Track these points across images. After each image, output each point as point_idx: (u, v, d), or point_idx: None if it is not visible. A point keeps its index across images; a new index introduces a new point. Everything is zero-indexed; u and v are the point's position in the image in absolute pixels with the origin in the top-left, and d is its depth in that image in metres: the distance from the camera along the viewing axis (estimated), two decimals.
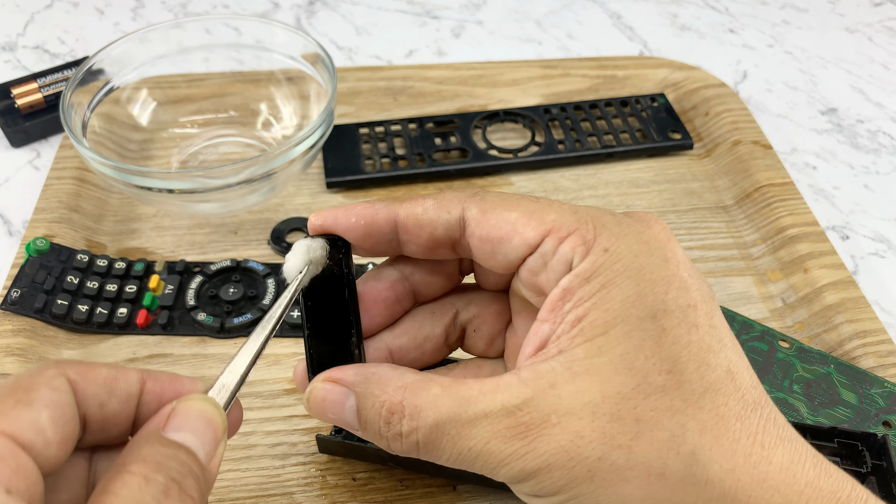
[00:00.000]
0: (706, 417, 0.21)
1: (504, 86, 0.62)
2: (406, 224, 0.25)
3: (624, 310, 0.22)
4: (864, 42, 0.71)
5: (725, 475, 0.21)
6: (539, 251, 0.23)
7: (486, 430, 0.22)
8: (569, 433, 0.21)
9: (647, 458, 0.21)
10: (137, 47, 0.52)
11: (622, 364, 0.21)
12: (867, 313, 0.44)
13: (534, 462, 0.21)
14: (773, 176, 0.53)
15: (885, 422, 0.38)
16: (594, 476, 0.21)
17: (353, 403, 0.24)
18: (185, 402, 0.22)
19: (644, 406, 0.21)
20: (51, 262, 0.45)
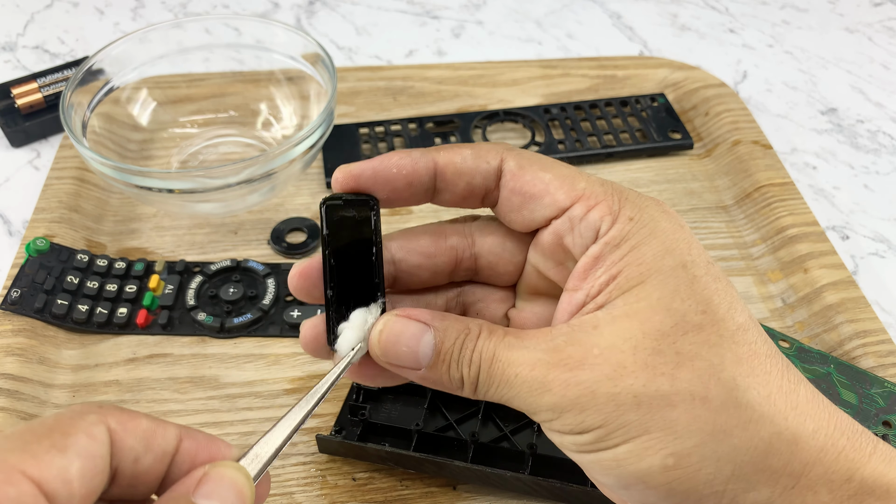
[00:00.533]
0: (741, 351, 0.22)
1: (504, 86, 0.62)
2: (445, 172, 0.25)
3: (656, 262, 0.23)
4: (864, 42, 0.71)
5: (763, 400, 0.22)
6: (567, 214, 0.24)
7: (532, 358, 0.23)
8: (612, 364, 0.22)
9: (690, 384, 0.22)
10: (137, 47, 0.52)
11: (660, 306, 0.22)
12: (867, 313, 0.44)
13: (577, 390, 0.22)
14: (773, 176, 0.53)
15: (885, 422, 0.38)
16: (640, 402, 0.21)
17: (430, 338, 0.24)
18: (218, 469, 0.22)
19: (683, 341, 0.22)
20: (51, 262, 0.45)
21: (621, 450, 0.22)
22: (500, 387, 0.23)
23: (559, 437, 0.23)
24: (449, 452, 0.37)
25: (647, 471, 0.22)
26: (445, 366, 0.24)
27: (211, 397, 0.41)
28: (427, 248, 0.27)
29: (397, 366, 0.24)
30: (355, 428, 0.37)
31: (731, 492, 0.22)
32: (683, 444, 0.21)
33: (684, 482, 0.22)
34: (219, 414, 0.40)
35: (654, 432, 0.21)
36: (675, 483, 0.22)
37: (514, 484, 0.35)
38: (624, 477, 0.22)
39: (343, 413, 0.38)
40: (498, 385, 0.23)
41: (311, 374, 0.42)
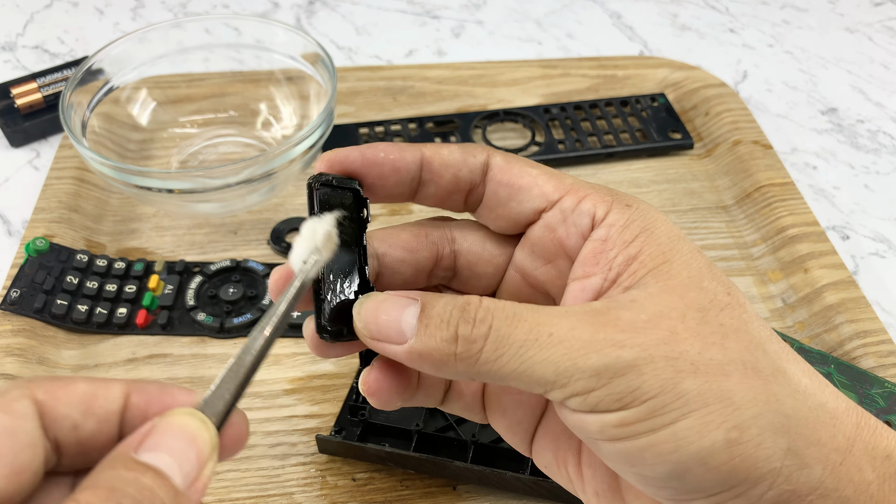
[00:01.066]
0: (771, 334, 0.22)
1: (504, 86, 0.62)
2: (432, 163, 0.24)
3: (672, 243, 0.22)
4: (864, 42, 0.71)
5: (801, 374, 0.21)
6: (558, 206, 0.23)
7: (571, 320, 0.20)
8: (662, 329, 0.20)
9: (740, 354, 0.21)
10: (137, 47, 0.52)
11: (692, 284, 0.21)
12: (867, 313, 0.44)
13: (632, 352, 0.19)
14: (774, 176, 0.52)
15: (886, 422, 0.38)
16: (698, 369, 0.20)
17: (415, 309, 0.21)
18: (167, 418, 0.19)
19: (723, 316, 0.21)
20: (50, 262, 0.45)
21: (681, 425, 0.19)
22: (522, 348, 0.20)
23: (596, 419, 0.20)
24: (449, 453, 0.36)
25: (710, 448, 0.19)
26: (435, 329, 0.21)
27: None
28: (409, 243, 0.26)
29: (382, 342, 0.22)
30: (355, 428, 0.37)
31: (786, 469, 0.20)
32: (743, 414, 0.20)
33: (747, 458, 0.20)
34: None
35: (714, 404, 0.20)
36: (738, 460, 0.20)
37: (514, 484, 0.35)
38: (683, 461, 0.20)
39: (343, 413, 0.38)
40: (520, 346, 0.20)
41: (311, 374, 0.42)
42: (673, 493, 0.21)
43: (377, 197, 0.25)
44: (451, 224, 0.26)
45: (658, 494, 0.21)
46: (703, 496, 0.21)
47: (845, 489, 0.21)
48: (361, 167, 0.24)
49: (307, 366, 0.42)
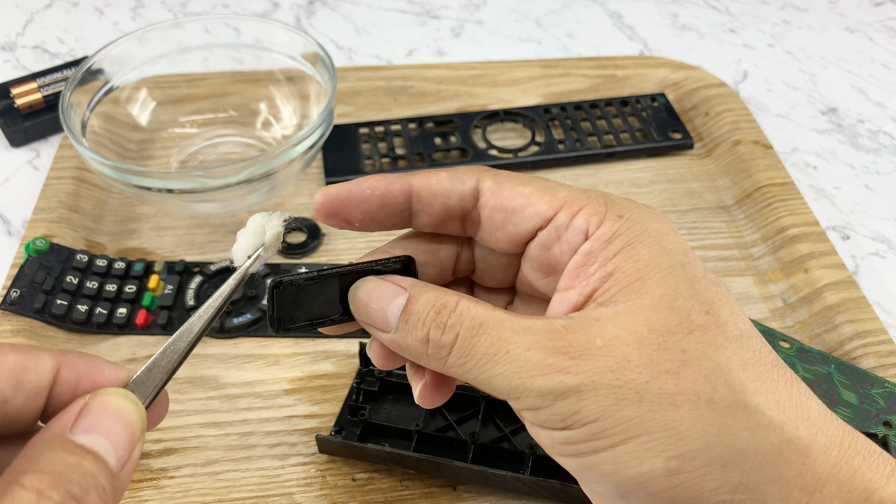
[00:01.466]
0: (747, 356, 0.21)
1: (504, 85, 0.62)
2: (420, 193, 0.25)
3: (653, 259, 0.22)
4: (864, 42, 0.71)
5: (772, 406, 0.21)
6: (552, 224, 0.24)
7: (528, 339, 0.21)
8: (615, 356, 0.21)
9: (695, 384, 0.20)
10: (137, 47, 0.52)
11: (663, 303, 0.21)
12: (868, 313, 0.44)
13: (575, 378, 0.20)
14: (774, 176, 0.52)
15: (886, 422, 0.38)
16: (643, 398, 0.20)
17: (402, 301, 0.23)
18: (100, 398, 0.19)
19: (689, 340, 0.21)
20: (50, 262, 0.45)
21: (620, 450, 0.20)
22: (481, 361, 0.21)
23: (546, 433, 0.21)
24: (449, 453, 0.36)
25: (648, 475, 0.20)
26: (412, 327, 0.22)
27: (211, 397, 0.41)
28: (428, 245, 0.26)
29: (371, 327, 0.24)
30: (355, 428, 0.37)
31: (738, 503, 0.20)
32: (687, 446, 0.20)
33: (688, 488, 0.20)
34: (218, 414, 0.40)
35: (656, 433, 0.20)
36: (679, 489, 0.20)
37: (514, 484, 0.35)
38: (623, 483, 0.20)
39: (343, 413, 0.38)
40: (480, 358, 0.21)
41: (311, 374, 0.42)
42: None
43: (370, 230, 0.25)
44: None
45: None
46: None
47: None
48: (347, 206, 0.25)
49: (307, 366, 0.42)
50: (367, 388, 0.39)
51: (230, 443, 0.39)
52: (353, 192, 0.24)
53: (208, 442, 0.39)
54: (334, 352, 0.43)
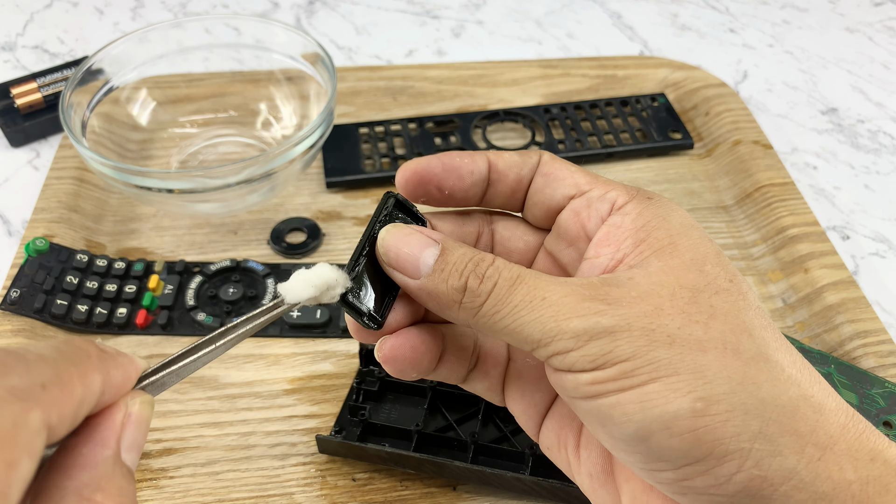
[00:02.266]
0: (766, 324, 0.23)
1: (504, 86, 0.62)
2: (497, 164, 0.26)
3: (683, 229, 0.23)
4: (864, 42, 0.71)
5: (790, 365, 0.22)
6: (586, 195, 0.25)
7: (565, 288, 0.22)
8: (649, 304, 0.22)
9: (723, 334, 0.21)
10: (137, 47, 0.52)
11: (693, 266, 0.23)
12: (868, 313, 0.44)
13: (611, 320, 0.21)
14: (774, 176, 0.52)
15: (886, 422, 0.38)
16: (674, 341, 0.21)
17: (435, 251, 0.23)
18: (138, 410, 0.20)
19: (716, 299, 0.22)
20: (50, 262, 0.45)
21: (648, 388, 0.21)
22: (516, 308, 0.22)
23: (572, 377, 0.22)
24: (449, 453, 0.36)
25: (674, 414, 0.20)
26: (448, 275, 0.23)
27: (210, 397, 0.41)
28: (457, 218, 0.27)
29: (399, 272, 0.24)
30: (355, 428, 0.37)
31: (756, 452, 0.21)
32: (713, 389, 0.21)
33: (711, 431, 0.20)
34: (219, 414, 0.40)
35: (684, 374, 0.21)
36: (702, 431, 0.20)
37: (514, 484, 0.35)
38: (647, 423, 0.21)
39: (343, 413, 0.38)
40: (514, 306, 0.22)
41: (311, 374, 0.42)
42: (641, 460, 0.22)
43: (455, 201, 0.27)
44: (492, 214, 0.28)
45: (630, 461, 0.22)
46: (670, 467, 0.21)
47: (822, 485, 0.21)
48: (442, 173, 0.26)
49: (307, 366, 0.42)
50: (367, 388, 0.39)
51: (230, 443, 0.39)
52: (445, 161, 0.26)
53: (208, 442, 0.39)
54: (334, 352, 0.43)
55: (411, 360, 0.25)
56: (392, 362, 0.25)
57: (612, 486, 0.25)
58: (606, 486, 0.25)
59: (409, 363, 0.25)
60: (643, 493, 0.24)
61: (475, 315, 0.23)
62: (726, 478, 0.21)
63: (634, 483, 0.24)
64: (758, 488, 0.21)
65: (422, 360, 0.25)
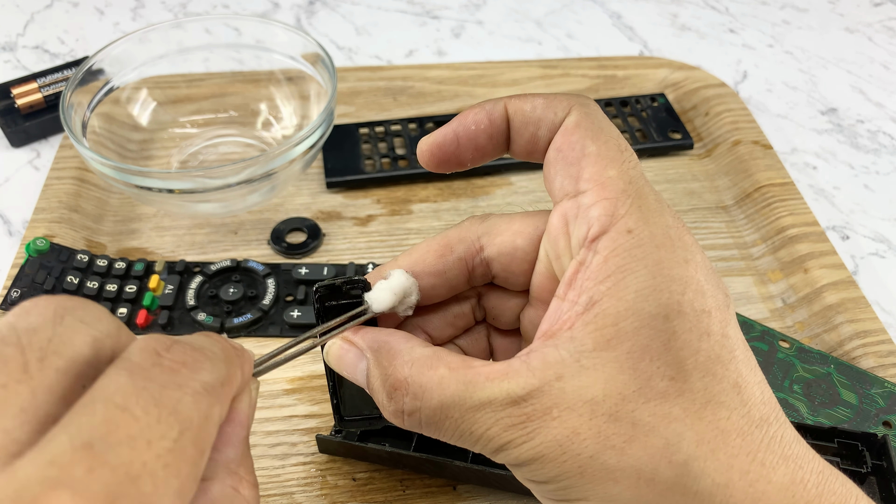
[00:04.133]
0: (705, 429, 0.21)
1: (504, 86, 0.62)
2: (514, 119, 0.25)
3: (637, 303, 0.21)
4: (864, 42, 0.71)
5: (717, 490, 0.20)
6: (577, 199, 0.23)
7: (488, 418, 0.22)
8: (566, 428, 0.21)
9: (638, 462, 0.20)
10: (137, 47, 0.52)
11: (627, 363, 0.21)
12: (867, 313, 0.44)
13: (529, 452, 0.22)
14: (773, 176, 0.53)
15: (886, 422, 0.38)
16: (584, 472, 0.21)
17: (364, 367, 0.24)
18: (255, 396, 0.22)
19: (643, 410, 0.21)
20: (51, 262, 0.45)
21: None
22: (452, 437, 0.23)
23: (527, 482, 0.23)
24: (449, 452, 0.36)
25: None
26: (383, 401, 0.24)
27: None
28: (435, 267, 0.26)
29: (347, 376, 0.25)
30: None
31: None
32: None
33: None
34: None
35: (594, 502, 0.21)
36: None
37: (514, 484, 0.35)
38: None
39: None
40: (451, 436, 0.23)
41: (311, 374, 0.42)
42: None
43: (476, 164, 0.26)
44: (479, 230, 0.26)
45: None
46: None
47: None
48: (458, 148, 0.25)
49: (307, 366, 0.42)
50: None
51: None
52: (460, 131, 0.25)
53: None
54: None
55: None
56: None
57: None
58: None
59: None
60: None
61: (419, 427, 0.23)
62: None
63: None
64: None
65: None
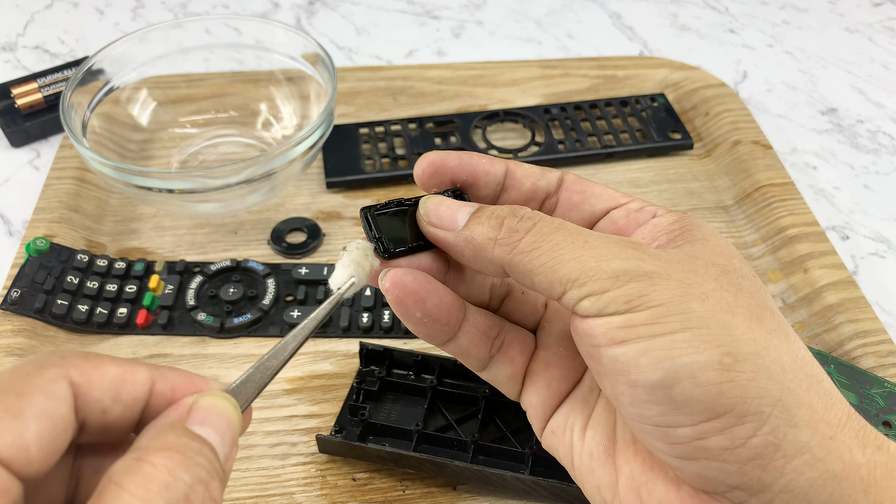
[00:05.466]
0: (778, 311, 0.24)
1: (504, 86, 0.62)
2: (514, 172, 0.27)
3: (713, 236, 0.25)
4: (864, 42, 0.71)
5: (804, 351, 0.23)
6: (625, 207, 0.27)
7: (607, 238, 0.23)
8: (686, 265, 0.23)
9: (749, 305, 0.22)
10: (137, 47, 0.52)
11: (722, 257, 0.24)
12: (867, 313, 0.44)
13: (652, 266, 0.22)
14: (773, 176, 0.53)
15: (885, 422, 0.38)
16: (707, 298, 0.22)
17: (470, 208, 0.25)
18: (208, 398, 0.21)
19: (743, 281, 0.23)
20: (51, 262, 0.45)
21: (679, 337, 0.21)
22: (556, 245, 0.22)
23: (603, 321, 0.22)
24: (449, 453, 0.37)
25: (702, 364, 0.21)
26: (485, 220, 0.24)
27: None
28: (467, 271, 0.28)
29: (436, 227, 0.25)
30: (355, 428, 0.37)
31: (774, 419, 0.21)
32: (741, 347, 0.21)
33: (736, 387, 0.21)
34: None
35: (715, 329, 0.21)
36: (727, 386, 0.21)
37: (514, 484, 0.35)
38: (674, 369, 0.21)
39: (343, 413, 0.38)
40: (556, 244, 0.22)
41: (311, 374, 0.42)
42: (660, 413, 0.22)
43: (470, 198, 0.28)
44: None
45: (648, 416, 0.22)
46: (688, 422, 0.21)
47: (834, 464, 0.21)
48: (458, 167, 0.27)
49: (307, 366, 0.42)
50: (368, 387, 0.39)
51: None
52: (463, 157, 0.27)
53: None
54: (334, 352, 0.43)
55: (412, 291, 0.25)
56: (392, 288, 0.25)
57: (612, 466, 0.25)
58: (605, 466, 0.26)
59: (410, 293, 0.25)
60: (642, 474, 0.24)
61: (511, 251, 0.23)
62: (742, 440, 0.21)
63: (634, 464, 0.25)
64: (770, 458, 0.21)
65: (426, 297, 0.25)
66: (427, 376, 0.39)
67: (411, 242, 0.26)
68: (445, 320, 0.26)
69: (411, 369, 0.40)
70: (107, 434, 0.21)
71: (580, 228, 0.23)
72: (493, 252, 0.23)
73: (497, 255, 0.23)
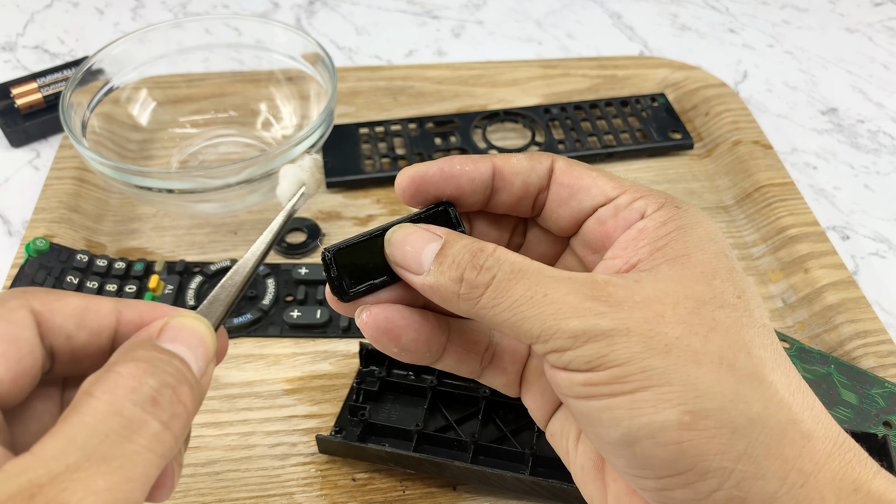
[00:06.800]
0: (767, 342, 0.22)
1: (504, 86, 0.62)
2: (503, 171, 0.26)
3: (701, 243, 0.23)
4: (864, 42, 0.71)
5: (784, 387, 0.22)
6: (614, 203, 0.25)
7: (567, 286, 0.22)
8: (651, 310, 0.21)
9: (720, 348, 0.21)
10: (137, 47, 0.52)
11: (702, 279, 0.22)
12: (867, 313, 0.44)
13: (610, 323, 0.21)
14: (774, 176, 0.52)
15: (886, 422, 0.38)
16: (670, 350, 0.21)
17: (436, 246, 0.24)
18: (178, 319, 0.22)
19: (719, 313, 0.22)
20: (50, 262, 0.45)
21: (638, 396, 0.21)
22: (516, 303, 0.22)
23: (566, 375, 0.22)
24: (449, 453, 0.36)
25: (661, 424, 0.20)
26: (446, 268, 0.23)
27: (210, 397, 0.41)
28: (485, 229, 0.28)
29: (402, 268, 0.24)
30: (355, 428, 0.37)
31: (738, 473, 0.20)
32: (703, 403, 0.20)
33: (696, 446, 0.20)
34: (219, 414, 0.40)
35: (676, 385, 0.21)
36: (687, 445, 0.20)
37: (514, 484, 0.35)
38: (634, 429, 0.21)
39: (343, 413, 0.38)
40: (514, 300, 0.22)
41: (311, 374, 0.42)
42: (625, 465, 0.22)
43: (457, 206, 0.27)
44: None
45: (615, 464, 0.22)
46: (652, 475, 0.21)
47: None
48: (440, 181, 0.26)
49: (307, 366, 0.42)
50: (367, 388, 0.39)
51: (230, 443, 0.39)
52: (444, 168, 0.26)
53: (208, 442, 0.39)
54: (334, 352, 0.43)
55: (385, 329, 0.25)
56: (365, 327, 0.25)
57: (601, 482, 0.25)
58: (595, 481, 0.26)
59: (383, 332, 0.25)
60: (626, 496, 0.24)
61: (475, 306, 0.23)
62: (706, 494, 0.21)
63: (619, 484, 0.24)
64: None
65: (401, 334, 0.25)
66: (427, 376, 0.39)
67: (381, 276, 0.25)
68: (425, 350, 0.26)
69: (411, 369, 0.40)
70: (79, 363, 0.22)
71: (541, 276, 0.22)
72: (457, 304, 0.23)
73: (463, 308, 0.23)
